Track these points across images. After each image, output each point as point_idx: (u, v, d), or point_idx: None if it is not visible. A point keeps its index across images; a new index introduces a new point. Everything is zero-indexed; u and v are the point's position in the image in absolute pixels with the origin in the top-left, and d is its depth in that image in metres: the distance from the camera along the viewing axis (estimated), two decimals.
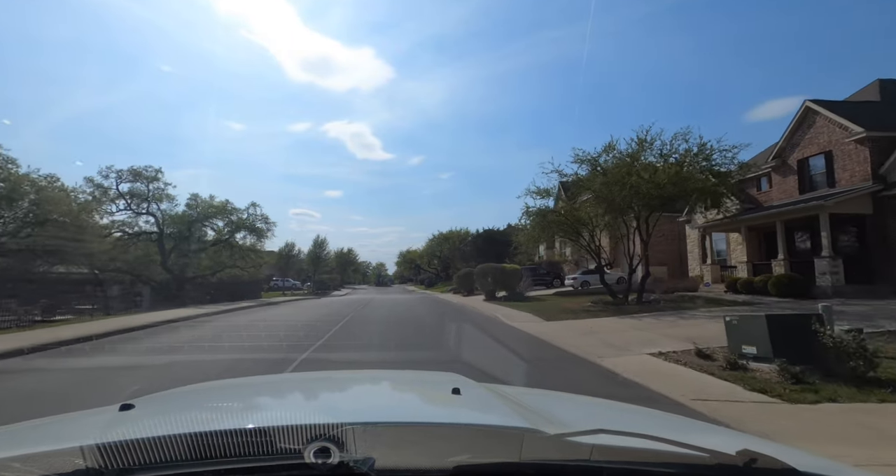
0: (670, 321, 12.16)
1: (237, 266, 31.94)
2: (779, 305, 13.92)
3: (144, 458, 0.87)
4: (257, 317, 17.11)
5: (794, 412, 4.78)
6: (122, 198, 26.35)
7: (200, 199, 29.53)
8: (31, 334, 11.85)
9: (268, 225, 31.84)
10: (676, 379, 6.34)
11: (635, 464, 0.90)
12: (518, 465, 0.90)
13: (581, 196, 19.87)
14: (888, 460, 3.45)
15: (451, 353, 9.00)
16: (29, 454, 0.92)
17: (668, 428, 1.50)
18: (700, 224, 23.11)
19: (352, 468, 0.84)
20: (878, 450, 3.69)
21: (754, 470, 0.85)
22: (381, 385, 2.10)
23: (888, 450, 3.70)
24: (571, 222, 18.47)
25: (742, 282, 17.77)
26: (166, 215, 28.05)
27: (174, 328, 13.86)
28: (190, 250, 27.97)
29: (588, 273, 28.95)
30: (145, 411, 1.38)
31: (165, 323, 14.92)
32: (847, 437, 4.06)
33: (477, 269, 27.36)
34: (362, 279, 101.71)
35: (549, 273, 34.49)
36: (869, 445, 3.80)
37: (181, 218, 28.31)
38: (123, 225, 27.11)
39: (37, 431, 1.33)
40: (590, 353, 8.45)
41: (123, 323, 14.43)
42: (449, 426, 1.17)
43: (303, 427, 0.94)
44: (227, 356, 8.58)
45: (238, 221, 30.88)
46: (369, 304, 24.20)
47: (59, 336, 11.42)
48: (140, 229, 27.56)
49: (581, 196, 19.87)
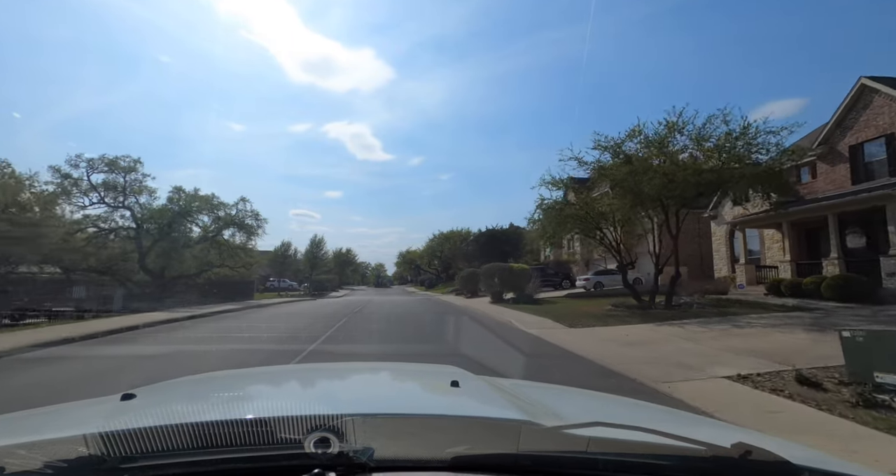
0: (722, 330, 10.02)
1: (226, 265, 29.76)
2: (845, 311, 11.76)
3: (146, 447, 0.88)
4: (226, 325, 14.65)
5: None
6: (94, 190, 24.09)
7: (184, 192, 27.30)
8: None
9: (259, 222, 29.74)
10: (800, 424, 4.23)
11: (631, 456, 0.90)
12: (515, 456, 0.91)
13: (600, 187, 17.72)
14: None
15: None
16: (33, 442, 0.95)
17: (664, 421, 1.51)
18: (728, 220, 20.96)
19: (351, 458, 0.84)
20: None
21: (749, 462, 0.85)
22: (381, 376, 2.08)
23: None
24: (592, 216, 16.33)
25: (787, 284, 15.60)
26: (145, 209, 25.83)
27: (88, 345, 10.42)
28: (172, 248, 25.67)
29: (602, 273, 26.93)
30: (147, 401, 1.39)
31: (83, 339, 12.19)
32: None
33: (482, 269, 25.25)
34: (361, 280, 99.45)
35: (556, 273, 32.48)
36: None
37: (161, 212, 25.99)
38: (98, 220, 24.87)
39: (39, 420, 1.35)
40: (646, 376, 6.31)
41: (29, 337, 11.64)
42: (447, 418, 1.19)
43: (303, 418, 0.96)
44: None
45: (226, 218, 28.71)
46: (366, 306, 21.98)
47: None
48: (116, 225, 25.34)
49: (600, 187, 17.72)
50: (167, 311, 18.35)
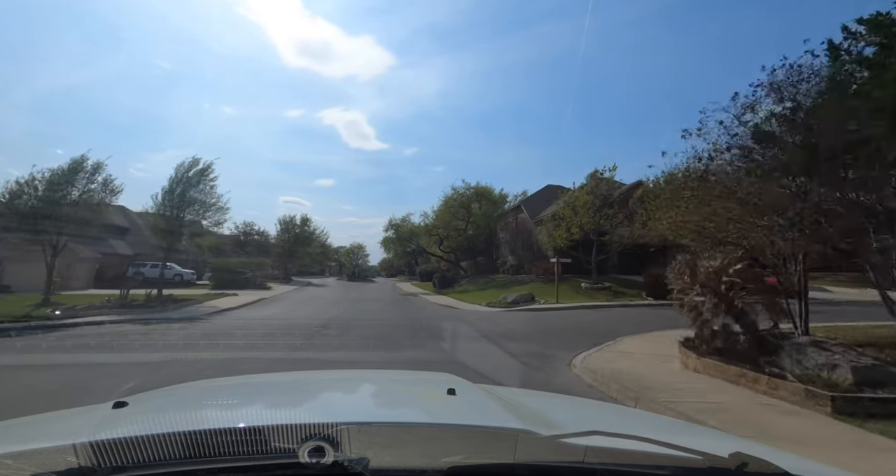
0: None
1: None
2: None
3: (138, 457, 0.86)
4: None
5: None
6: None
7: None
8: None
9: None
10: None
11: (628, 466, 0.89)
12: (512, 465, 0.89)
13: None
14: None
15: None
16: (21, 451, 0.92)
17: (661, 430, 1.49)
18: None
19: (346, 468, 0.82)
20: None
21: (746, 473, 0.85)
22: (377, 385, 2.02)
23: None
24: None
25: None
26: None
27: None
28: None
29: None
30: (139, 409, 1.35)
31: None
32: None
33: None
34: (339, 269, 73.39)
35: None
36: None
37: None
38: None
39: (28, 428, 1.31)
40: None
41: None
42: (443, 426, 1.18)
43: (297, 426, 0.93)
44: None
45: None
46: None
47: None
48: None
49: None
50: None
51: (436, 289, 31.39)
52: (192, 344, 9.52)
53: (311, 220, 46.15)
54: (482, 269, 35.12)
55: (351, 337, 10.65)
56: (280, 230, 45.36)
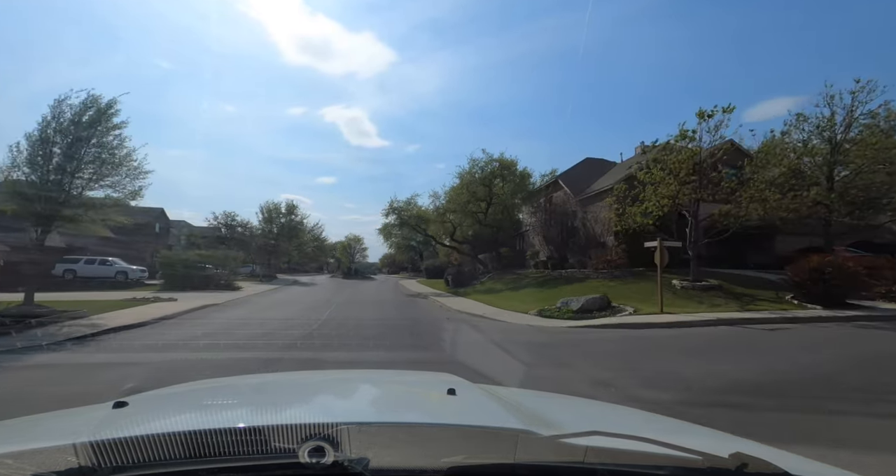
0: None
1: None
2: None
3: (138, 457, 0.85)
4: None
5: None
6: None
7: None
8: None
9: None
10: None
11: (628, 466, 0.88)
12: (512, 465, 0.89)
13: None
14: None
15: None
16: (21, 451, 0.91)
17: (661, 430, 1.48)
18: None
19: (346, 468, 0.82)
20: None
21: (746, 473, 0.83)
22: (377, 385, 2.00)
23: None
24: None
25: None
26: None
27: None
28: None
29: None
30: (139, 409, 1.34)
31: None
32: None
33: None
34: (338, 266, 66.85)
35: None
36: None
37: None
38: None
39: (29, 428, 1.30)
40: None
41: None
42: (444, 426, 1.17)
43: (297, 426, 0.93)
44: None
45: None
46: None
47: None
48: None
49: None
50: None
51: (449, 288, 24.80)
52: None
53: (297, 208, 39.34)
54: (506, 262, 28.39)
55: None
56: (262, 219, 38.55)
